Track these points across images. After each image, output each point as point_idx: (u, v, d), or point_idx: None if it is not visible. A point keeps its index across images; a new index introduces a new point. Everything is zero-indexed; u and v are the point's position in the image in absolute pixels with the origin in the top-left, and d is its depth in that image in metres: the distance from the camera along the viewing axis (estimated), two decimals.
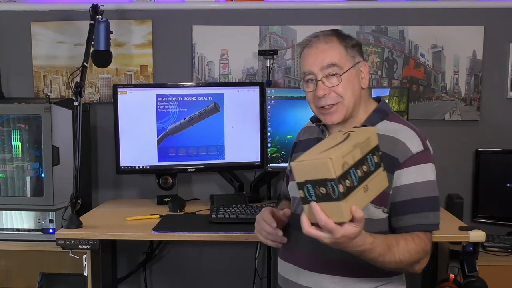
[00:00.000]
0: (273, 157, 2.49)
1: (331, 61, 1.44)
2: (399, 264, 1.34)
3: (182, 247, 2.80)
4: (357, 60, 1.48)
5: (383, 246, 1.31)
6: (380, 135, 1.42)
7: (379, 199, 1.37)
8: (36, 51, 2.73)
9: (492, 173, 2.59)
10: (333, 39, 1.47)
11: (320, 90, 1.45)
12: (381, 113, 1.51)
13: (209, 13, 2.69)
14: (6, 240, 2.32)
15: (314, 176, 1.14)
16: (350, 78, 1.46)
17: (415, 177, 1.40)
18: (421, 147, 1.43)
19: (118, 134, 2.43)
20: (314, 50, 1.47)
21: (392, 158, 1.41)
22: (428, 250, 1.40)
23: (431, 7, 2.64)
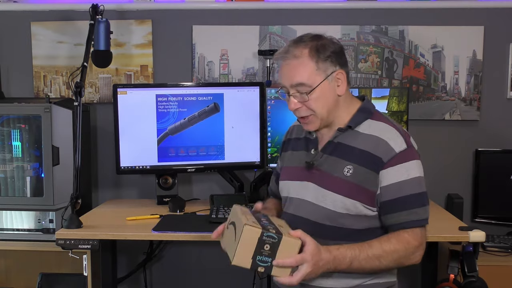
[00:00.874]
0: (273, 157, 2.49)
1: (299, 80, 1.46)
2: (379, 263, 1.41)
3: (182, 247, 2.80)
4: (330, 71, 1.48)
5: (352, 250, 1.39)
6: (364, 135, 1.50)
7: (368, 199, 1.45)
8: (36, 51, 2.73)
9: (492, 173, 2.59)
10: (305, 53, 1.47)
11: (291, 104, 1.50)
12: (365, 112, 1.54)
13: (209, 13, 2.69)
14: (6, 240, 2.32)
15: (251, 247, 1.30)
16: (322, 92, 1.47)
17: (401, 176, 1.44)
18: (404, 145, 1.46)
19: (118, 134, 2.42)
20: (285, 66, 1.49)
21: (376, 158, 1.45)
22: (417, 245, 1.44)
23: (431, 7, 2.64)
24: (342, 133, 1.52)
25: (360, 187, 1.45)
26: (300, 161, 1.59)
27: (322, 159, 1.53)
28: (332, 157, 1.51)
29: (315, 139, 1.58)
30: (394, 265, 1.45)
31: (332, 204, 1.47)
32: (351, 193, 1.45)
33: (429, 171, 2.65)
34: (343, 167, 1.48)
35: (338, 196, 1.46)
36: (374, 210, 1.47)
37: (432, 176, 2.68)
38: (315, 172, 1.53)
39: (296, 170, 1.59)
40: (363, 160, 1.46)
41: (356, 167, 1.46)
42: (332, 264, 1.37)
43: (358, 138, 1.49)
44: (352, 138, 1.50)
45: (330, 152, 1.52)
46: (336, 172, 1.48)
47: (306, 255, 1.32)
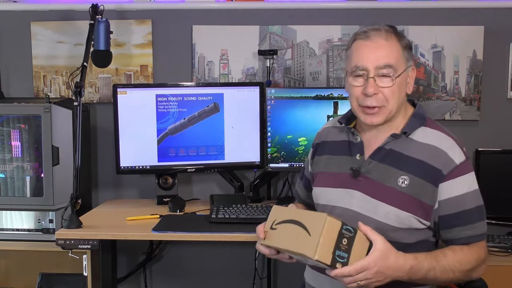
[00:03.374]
0: (273, 157, 2.49)
1: (388, 61, 1.37)
2: (452, 275, 1.34)
3: (182, 247, 2.80)
4: (409, 63, 1.42)
5: (429, 260, 1.31)
6: (419, 143, 1.40)
7: (423, 212, 1.36)
8: (36, 51, 2.73)
9: (492, 173, 2.58)
10: (393, 36, 1.40)
11: (370, 88, 1.37)
12: (420, 118, 1.45)
13: (209, 13, 2.69)
14: (6, 240, 2.32)
15: (333, 241, 1.23)
16: (400, 82, 1.39)
17: (462, 189, 1.37)
18: (464, 157, 1.40)
19: (118, 134, 2.42)
20: (371, 44, 1.38)
21: (435, 170, 1.37)
22: (482, 258, 1.39)
23: (431, 7, 2.64)
24: (395, 140, 1.42)
25: (416, 199, 1.36)
26: (342, 166, 1.47)
27: (370, 166, 1.42)
28: (383, 165, 1.41)
29: (360, 143, 1.47)
30: (464, 277, 1.38)
31: (384, 216, 1.37)
32: (406, 205, 1.36)
33: None
34: (397, 177, 1.38)
35: (392, 208, 1.36)
36: (427, 224, 1.39)
37: None
38: (362, 180, 1.42)
39: (338, 177, 1.47)
40: (420, 171, 1.37)
41: (413, 178, 1.37)
42: (407, 274, 1.29)
43: (413, 147, 1.40)
44: (406, 145, 1.41)
45: (380, 159, 1.42)
46: (389, 182, 1.39)
47: (370, 264, 1.23)
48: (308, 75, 2.69)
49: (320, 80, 2.69)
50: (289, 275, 2.71)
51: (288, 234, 1.31)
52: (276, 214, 1.38)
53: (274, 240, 1.35)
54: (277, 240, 1.35)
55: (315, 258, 1.22)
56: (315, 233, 1.24)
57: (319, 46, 2.67)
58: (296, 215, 1.32)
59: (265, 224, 1.37)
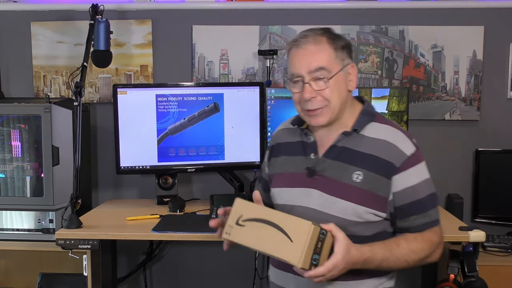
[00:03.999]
0: None
1: (319, 64, 1.41)
2: (406, 264, 1.39)
3: (182, 247, 2.80)
4: (346, 62, 1.45)
5: (384, 251, 1.36)
6: (370, 139, 1.45)
7: (378, 205, 1.41)
8: (36, 51, 2.73)
9: (492, 173, 2.59)
10: (323, 39, 1.43)
11: (306, 93, 1.42)
12: (368, 114, 1.50)
13: (209, 13, 2.69)
14: (6, 240, 2.32)
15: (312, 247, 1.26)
16: (337, 82, 1.43)
17: (414, 179, 1.42)
18: (414, 148, 1.44)
19: (118, 134, 2.42)
20: (302, 51, 1.43)
21: (387, 163, 1.41)
22: (437, 243, 1.44)
23: (431, 7, 2.64)
24: (346, 137, 1.46)
25: (371, 193, 1.40)
26: (297, 166, 1.51)
27: (325, 164, 1.46)
28: (338, 162, 1.44)
29: (313, 142, 1.51)
30: (419, 263, 1.43)
31: (342, 212, 1.41)
32: (362, 200, 1.40)
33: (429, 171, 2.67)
34: (351, 172, 1.42)
35: (348, 203, 1.40)
36: (383, 216, 1.42)
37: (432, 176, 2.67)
38: (318, 178, 1.46)
39: (295, 176, 1.50)
40: (373, 166, 1.41)
41: (366, 173, 1.41)
42: (361, 265, 1.34)
43: (365, 142, 1.44)
44: (358, 142, 1.45)
45: (334, 157, 1.46)
46: (344, 178, 1.42)
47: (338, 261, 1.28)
48: None
49: None
50: None
51: (263, 235, 1.31)
52: (242, 209, 1.36)
53: (242, 237, 1.34)
54: (247, 238, 1.34)
55: (299, 266, 1.24)
56: (299, 241, 1.25)
57: None
58: (271, 216, 1.32)
59: (229, 218, 1.37)
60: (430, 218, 1.43)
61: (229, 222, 1.37)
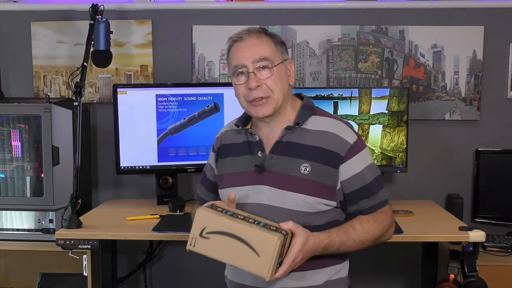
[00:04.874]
0: None
1: (263, 54, 1.48)
2: (362, 245, 1.47)
3: (182, 247, 2.79)
4: (285, 56, 1.54)
5: (341, 236, 1.44)
6: (313, 131, 1.51)
7: (328, 194, 1.47)
8: (36, 51, 2.73)
9: (492, 173, 2.59)
10: (263, 35, 1.52)
11: (252, 82, 1.48)
12: (309, 109, 1.56)
13: (209, 13, 2.69)
14: (6, 240, 2.32)
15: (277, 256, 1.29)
16: (279, 73, 1.50)
17: (359, 165, 1.49)
18: (355, 136, 1.51)
19: (118, 134, 2.43)
20: (246, 43, 1.50)
21: (332, 153, 1.47)
22: (390, 223, 1.53)
23: (431, 7, 2.64)
24: (290, 132, 1.51)
25: (320, 183, 1.46)
26: (246, 165, 1.54)
27: (273, 161, 1.50)
28: (284, 157, 1.49)
29: (259, 141, 1.55)
30: (374, 243, 1.50)
31: (293, 204, 1.46)
32: (312, 190, 1.46)
33: (429, 171, 2.69)
34: (299, 165, 1.47)
35: (299, 195, 1.46)
36: (333, 204, 1.49)
37: (432, 176, 2.69)
38: (267, 174, 1.50)
39: (244, 175, 1.53)
40: (319, 157, 1.47)
41: (313, 164, 1.46)
42: (321, 251, 1.41)
43: (308, 135, 1.50)
44: (301, 135, 1.50)
45: (280, 152, 1.50)
46: (292, 171, 1.47)
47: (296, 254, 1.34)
48: (308, 75, 2.69)
49: (320, 80, 2.69)
50: None
51: (228, 249, 1.32)
52: (205, 221, 1.36)
53: (207, 249, 1.36)
54: (212, 250, 1.35)
55: (268, 279, 1.29)
56: (266, 256, 1.28)
57: (319, 46, 2.68)
58: (235, 229, 1.32)
59: (192, 229, 1.39)
60: (379, 199, 1.50)
61: (193, 234, 1.38)
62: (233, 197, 1.45)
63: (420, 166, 2.66)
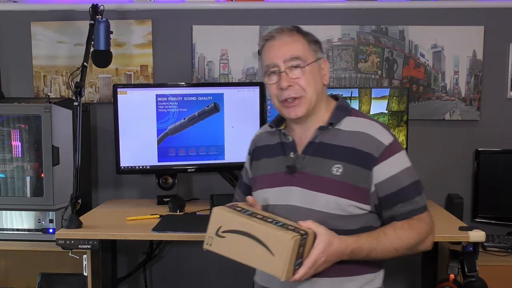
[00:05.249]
0: None
1: (294, 54, 1.45)
2: (396, 252, 1.40)
3: (182, 247, 2.80)
4: (319, 55, 1.50)
5: (370, 241, 1.37)
6: (347, 132, 1.47)
7: (361, 197, 1.42)
8: (36, 51, 2.73)
9: (492, 173, 2.59)
10: (296, 33, 1.49)
11: (284, 81, 1.44)
12: (343, 110, 1.53)
13: (209, 13, 2.69)
14: (6, 240, 2.32)
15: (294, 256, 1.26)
16: (312, 72, 1.47)
17: (395, 168, 1.43)
18: (391, 137, 1.46)
19: (118, 134, 2.43)
20: (278, 42, 1.47)
21: (366, 154, 1.42)
22: (428, 230, 1.45)
23: (431, 7, 2.64)
24: (323, 132, 1.48)
25: (352, 185, 1.42)
26: (278, 166, 1.52)
27: (304, 161, 1.47)
28: (316, 158, 1.46)
29: (292, 142, 1.52)
30: (409, 252, 1.43)
31: (324, 206, 1.42)
32: (344, 192, 1.41)
33: (429, 171, 2.68)
34: (330, 166, 1.43)
35: (330, 197, 1.41)
36: (367, 208, 1.43)
37: (432, 176, 2.68)
38: (298, 175, 1.47)
39: (276, 176, 1.52)
40: (352, 158, 1.43)
41: (346, 165, 1.42)
42: (348, 256, 1.35)
43: (341, 136, 1.46)
44: (334, 136, 1.47)
45: (312, 153, 1.47)
46: (324, 172, 1.44)
47: (317, 255, 1.29)
48: None
49: None
50: None
51: (244, 248, 1.31)
52: (221, 220, 1.36)
53: (223, 248, 1.35)
54: (229, 250, 1.34)
55: (283, 279, 1.25)
56: (280, 255, 1.25)
57: None
58: (250, 228, 1.30)
59: (208, 228, 1.38)
60: (416, 205, 1.44)
61: (209, 233, 1.38)
62: (251, 200, 1.45)
63: (420, 166, 2.63)
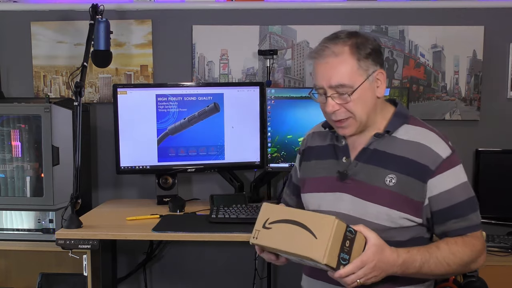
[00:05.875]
0: (273, 157, 2.49)
1: (339, 81, 1.36)
2: (448, 268, 1.35)
3: (182, 247, 2.80)
4: (371, 70, 1.38)
5: (422, 252, 1.32)
6: (403, 141, 1.41)
7: (413, 210, 1.37)
8: (36, 51, 2.73)
9: (492, 173, 2.58)
10: (345, 50, 1.36)
11: (329, 107, 1.39)
12: (401, 117, 1.46)
13: (209, 13, 2.69)
14: (6, 240, 2.32)
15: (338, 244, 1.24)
16: (361, 94, 1.37)
17: (451, 183, 1.37)
18: (449, 150, 1.40)
19: (118, 134, 2.42)
20: (323, 64, 1.38)
21: (422, 166, 1.37)
22: (479, 249, 1.39)
23: (431, 7, 2.64)
24: (378, 139, 1.42)
25: (405, 197, 1.36)
26: (329, 170, 1.47)
27: (357, 168, 1.42)
28: (369, 166, 1.41)
29: (345, 146, 1.47)
30: (462, 269, 1.39)
31: (374, 217, 1.37)
32: (396, 204, 1.36)
33: None
34: (384, 176, 1.38)
35: (382, 208, 1.36)
36: (419, 221, 1.38)
37: None
38: (350, 182, 1.42)
39: (326, 181, 1.47)
40: (407, 169, 1.37)
41: (400, 176, 1.37)
42: (400, 268, 1.30)
43: (397, 145, 1.40)
44: (390, 144, 1.41)
45: (366, 160, 1.42)
46: (377, 181, 1.38)
47: (367, 259, 1.25)
48: (308, 75, 2.69)
49: None
50: (289, 275, 2.71)
51: (287, 235, 1.30)
52: (268, 213, 1.36)
53: (268, 240, 1.34)
54: (273, 240, 1.33)
55: (323, 262, 1.21)
56: (323, 236, 1.23)
57: None
58: (295, 215, 1.30)
59: (256, 223, 1.36)
60: (470, 222, 1.38)
61: (256, 227, 1.37)
62: None
63: None
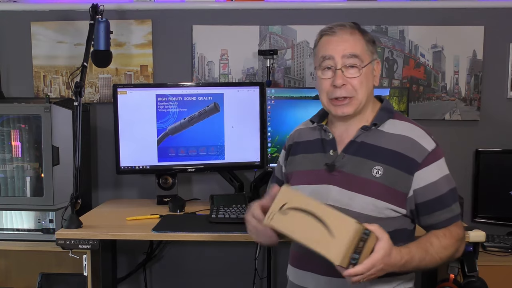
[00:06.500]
0: (273, 157, 2.49)
1: (354, 52, 1.43)
2: (440, 261, 1.40)
3: (182, 247, 2.80)
4: (374, 56, 1.49)
5: (420, 252, 1.37)
6: (390, 134, 1.45)
7: (398, 201, 1.41)
8: (36, 51, 2.73)
9: (492, 173, 2.59)
10: (357, 31, 1.46)
11: (338, 79, 1.43)
12: (387, 111, 1.51)
13: (209, 13, 2.69)
14: (6, 240, 2.32)
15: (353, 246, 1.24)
16: (367, 73, 1.45)
17: (436, 175, 1.43)
18: (434, 144, 1.45)
19: (118, 134, 2.42)
20: (337, 38, 1.45)
21: (409, 159, 1.41)
22: (462, 237, 1.46)
23: (431, 7, 2.64)
24: (366, 132, 1.46)
25: (391, 188, 1.40)
26: (316, 163, 1.50)
27: (344, 160, 1.46)
28: (357, 158, 1.44)
29: (332, 139, 1.51)
30: (449, 259, 1.45)
31: (360, 207, 1.40)
32: (382, 195, 1.40)
33: None
34: (371, 167, 1.42)
35: (368, 198, 1.40)
36: (403, 212, 1.42)
37: None
38: (337, 174, 1.45)
39: (314, 173, 1.50)
40: (394, 161, 1.41)
41: (387, 168, 1.41)
42: (399, 268, 1.33)
43: (384, 138, 1.45)
44: (377, 137, 1.45)
45: (353, 152, 1.46)
46: (363, 173, 1.42)
47: (377, 261, 1.26)
48: (308, 75, 2.69)
49: None
50: None
51: (304, 226, 1.29)
52: (287, 197, 1.35)
53: (283, 225, 1.33)
54: (288, 226, 1.32)
55: (337, 264, 1.23)
56: (341, 238, 1.24)
57: None
58: (315, 208, 1.30)
59: (273, 204, 1.35)
60: (453, 212, 1.44)
61: (273, 208, 1.36)
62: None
63: None
